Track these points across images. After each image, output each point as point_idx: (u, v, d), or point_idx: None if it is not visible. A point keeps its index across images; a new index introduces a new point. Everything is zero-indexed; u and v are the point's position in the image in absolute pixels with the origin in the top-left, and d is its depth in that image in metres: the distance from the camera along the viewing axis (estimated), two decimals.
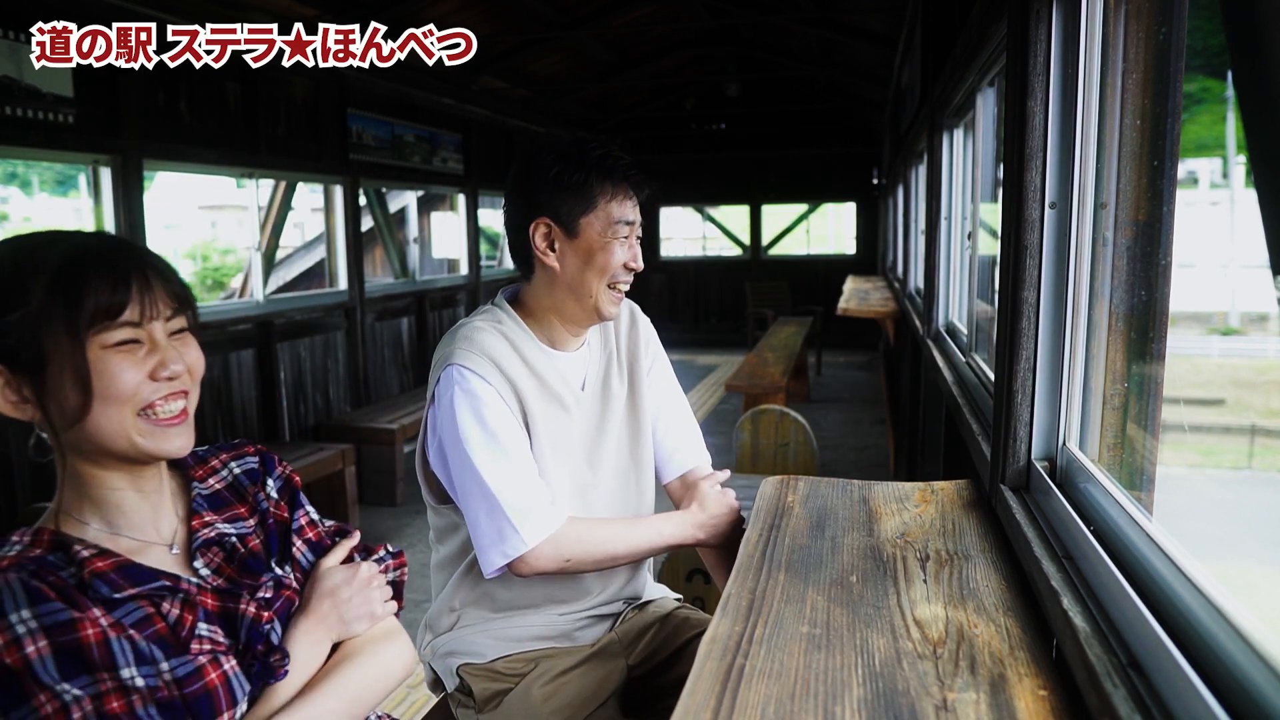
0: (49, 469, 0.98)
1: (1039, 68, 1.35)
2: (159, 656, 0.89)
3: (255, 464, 1.13)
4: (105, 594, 0.88)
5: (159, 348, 0.93)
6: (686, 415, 1.69)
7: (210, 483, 1.08)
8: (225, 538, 1.04)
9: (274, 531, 1.10)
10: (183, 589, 0.95)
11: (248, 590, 1.01)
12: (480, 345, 1.42)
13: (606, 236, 1.44)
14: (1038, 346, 1.38)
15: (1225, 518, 1.66)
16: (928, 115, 3.97)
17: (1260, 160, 0.75)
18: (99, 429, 0.91)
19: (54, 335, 0.88)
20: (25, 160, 5.31)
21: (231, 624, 0.98)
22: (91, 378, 0.89)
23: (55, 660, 0.81)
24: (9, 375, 0.90)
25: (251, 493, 1.11)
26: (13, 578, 0.84)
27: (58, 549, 0.91)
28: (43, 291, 0.88)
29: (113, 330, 0.90)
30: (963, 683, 0.95)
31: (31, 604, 0.83)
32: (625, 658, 1.56)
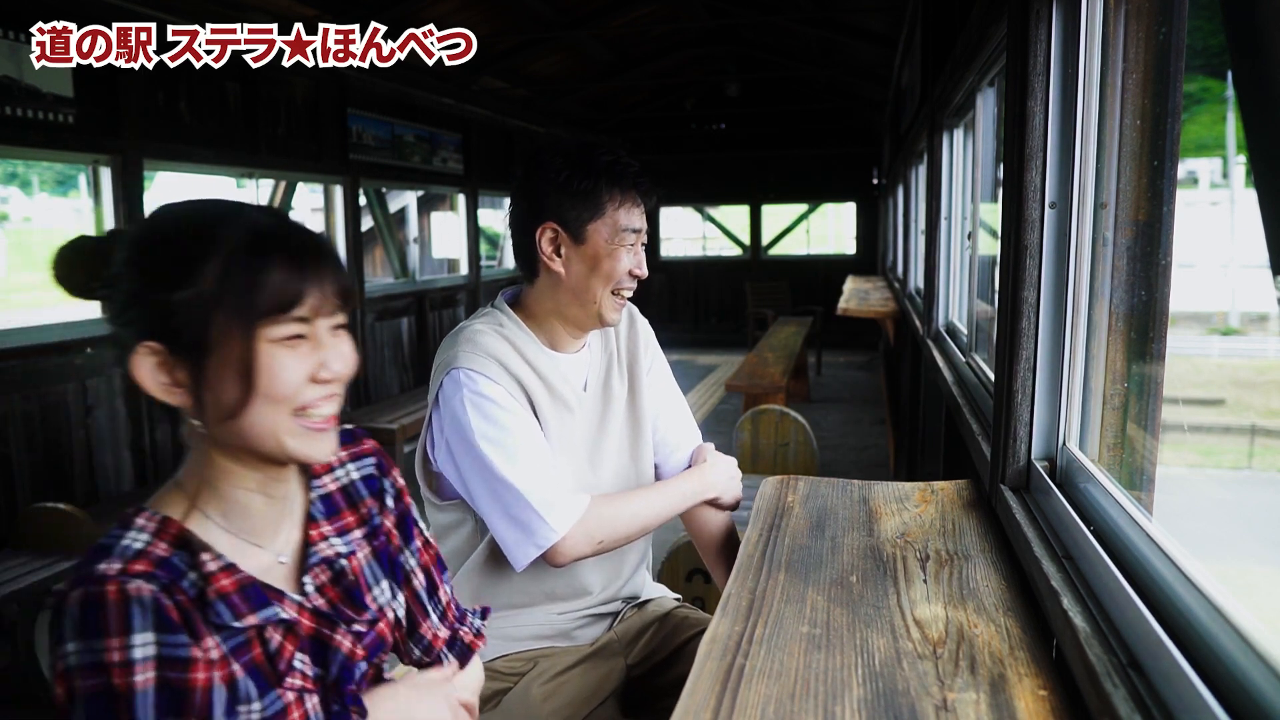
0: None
1: (1039, 68, 1.35)
2: (253, 694, 0.84)
3: (373, 470, 1.04)
4: (225, 620, 0.83)
5: (322, 346, 0.87)
6: (685, 414, 1.69)
7: (326, 481, 1.00)
8: (337, 558, 0.96)
9: (382, 554, 1.02)
10: (287, 614, 0.89)
11: (345, 622, 0.94)
12: (484, 347, 1.41)
13: (613, 244, 1.44)
14: (1038, 346, 1.38)
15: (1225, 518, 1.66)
16: (928, 115, 3.97)
17: (1260, 160, 0.75)
18: (252, 425, 0.84)
19: (224, 322, 0.82)
20: (25, 160, 5.31)
21: (322, 655, 0.92)
22: (257, 373, 0.83)
23: (156, 697, 0.76)
24: (166, 356, 0.83)
25: (366, 506, 1.02)
26: (146, 592, 0.78)
27: (183, 547, 0.84)
28: (218, 273, 0.82)
29: (284, 324, 0.84)
30: (963, 683, 0.95)
31: (158, 628, 0.77)
32: (624, 657, 1.56)
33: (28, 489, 3.74)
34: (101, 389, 4.17)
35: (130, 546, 0.82)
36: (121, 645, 0.76)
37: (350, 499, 1.01)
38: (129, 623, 0.76)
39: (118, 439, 4.27)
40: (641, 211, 1.47)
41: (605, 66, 8.90)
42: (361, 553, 0.99)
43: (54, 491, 3.82)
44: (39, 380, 3.84)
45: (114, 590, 0.77)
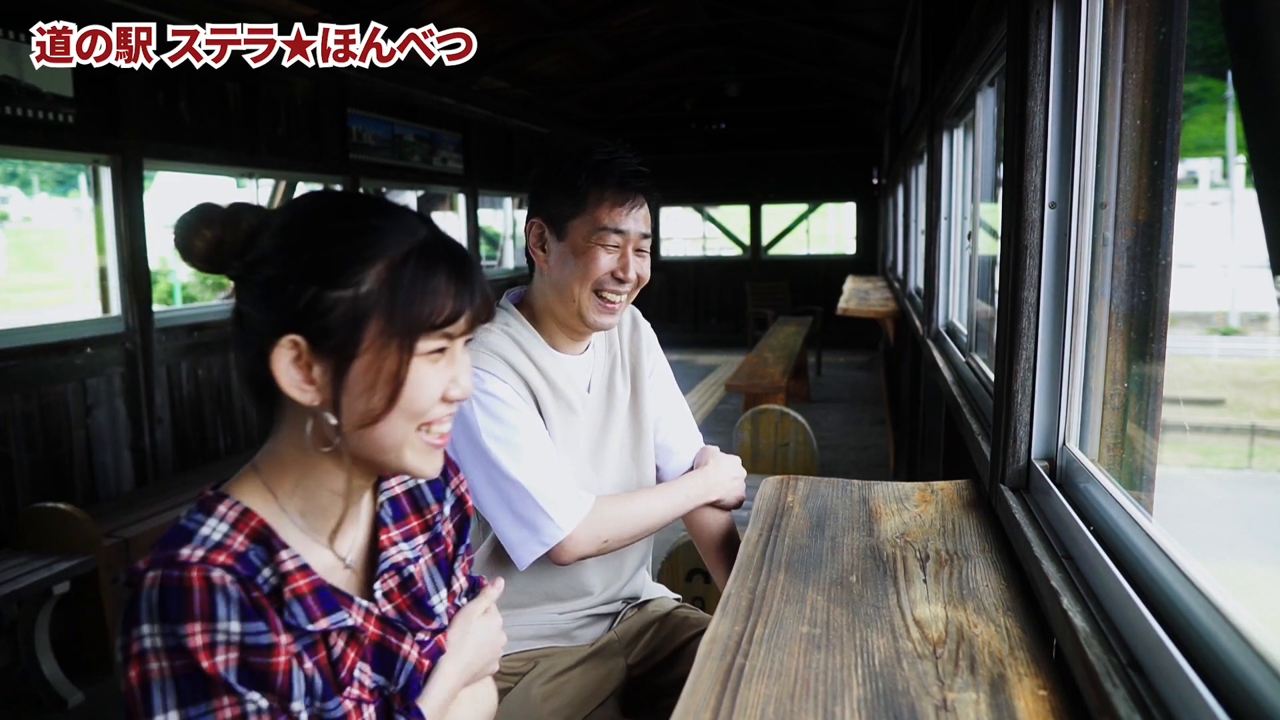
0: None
1: (1039, 68, 1.35)
2: (320, 692, 0.83)
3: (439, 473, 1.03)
4: (299, 623, 0.82)
5: (455, 363, 0.86)
6: (686, 417, 1.70)
7: (393, 485, 0.99)
8: (406, 564, 0.95)
9: (442, 561, 1.01)
10: (352, 620, 0.87)
11: (412, 630, 0.93)
12: (490, 345, 1.42)
13: (591, 242, 1.42)
14: (1038, 346, 1.38)
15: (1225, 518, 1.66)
16: (928, 115, 3.97)
17: (1260, 160, 0.75)
18: (383, 437, 0.83)
19: (380, 329, 0.80)
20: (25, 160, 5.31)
21: (388, 664, 0.90)
22: (404, 387, 0.81)
23: (240, 673, 0.76)
24: (306, 352, 0.80)
25: (431, 511, 1.01)
26: (230, 583, 0.77)
27: (261, 543, 0.82)
28: (382, 278, 0.80)
29: (435, 338, 0.83)
30: (962, 683, 0.95)
31: (242, 619, 0.77)
32: (625, 657, 1.56)
33: (28, 489, 3.74)
34: (101, 389, 4.17)
35: (210, 536, 0.80)
36: (205, 630, 0.75)
37: (416, 504, 1.00)
38: (213, 610, 0.76)
39: (118, 439, 4.27)
40: (632, 213, 1.44)
41: (605, 66, 8.90)
42: (424, 559, 0.98)
43: (54, 491, 3.82)
44: (39, 380, 3.84)
45: (198, 576, 0.76)
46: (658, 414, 1.65)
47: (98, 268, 4.32)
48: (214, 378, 4.91)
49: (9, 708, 3.11)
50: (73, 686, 3.12)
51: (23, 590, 2.91)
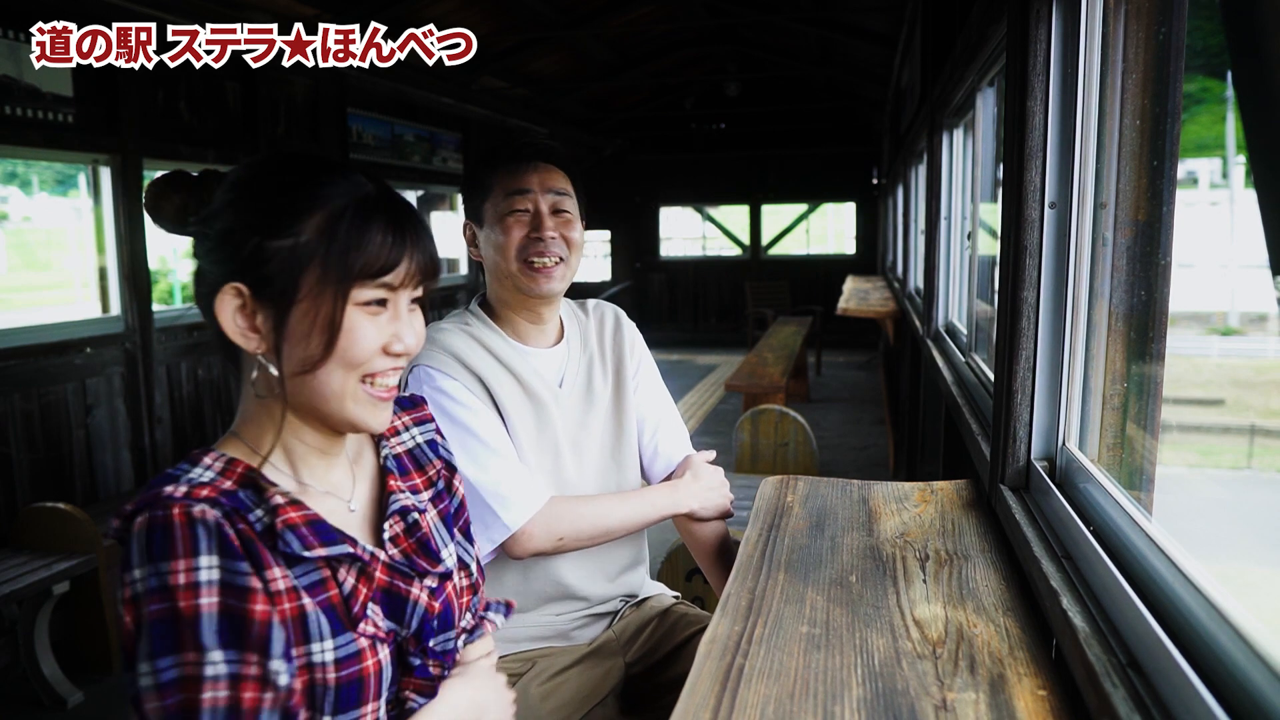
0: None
1: (1039, 68, 1.35)
2: (325, 632, 0.83)
3: (435, 434, 1.08)
4: (294, 550, 0.83)
5: (399, 318, 0.88)
6: (675, 420, 1.70)
7: (393, 444, 1.02)
8: (412, 509, 0.98)
9: (447, 517, 1.04)
10: (361, 557, 0.89)
11: (419, 574, 0.95)
12: (443, 344, 1.44)
13: (500, 213, 1.46)
14: (1037, 346, 1.38)
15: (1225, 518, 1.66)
16: (927, 115, 3.97)
17: (1260, 160, 0.75)
18: (322, 385, 0.86)
19: (316, 277, 0.83)
20: (25, 160, 5.30)
21: (397, 608, 0.91)
22: (339, 334, 0.84)
23: (219, 623, 0.76)
24: (249, 300, 0.85)
25: (433, 466, 1.05)
26: (210, 517, 0.78)
27: (249, 486, 0.84)
28: (319, 227, 0.84)
29: (371, 288, 0.85)
30: (962, 682, 0.95)
31: (221, 553, 0.77)
32: (623, 656, 1.56)
33: (28, 489, 3.74)
34: (101, 389, 4.17)
35: (197, 478, 0.83)
36: (188, 568, 0.76)
37: (417, 462, 1.04)
38: (195, 545, 0.77)
39: (117, 439, 4.27)
40: (532, 175, 1.46)
41: (605, 66, 8.90)
42: (431, 513, 1.01)
43: (54, 491, 3.82)
44: (39, 380, 3.84)
45: (179, 513, 0.77)
46: (643, 415, 1.64)
47: (97, 267, 4.32)
48: (214, 377, 4.91)
49: (9, 708, 3.11)
50: (72, 686, 3.12)
51: (22, 590, 2.91)
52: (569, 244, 1.48)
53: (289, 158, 0.89)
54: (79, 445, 4.05)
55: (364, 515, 0.96)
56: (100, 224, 4.29)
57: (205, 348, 4.81)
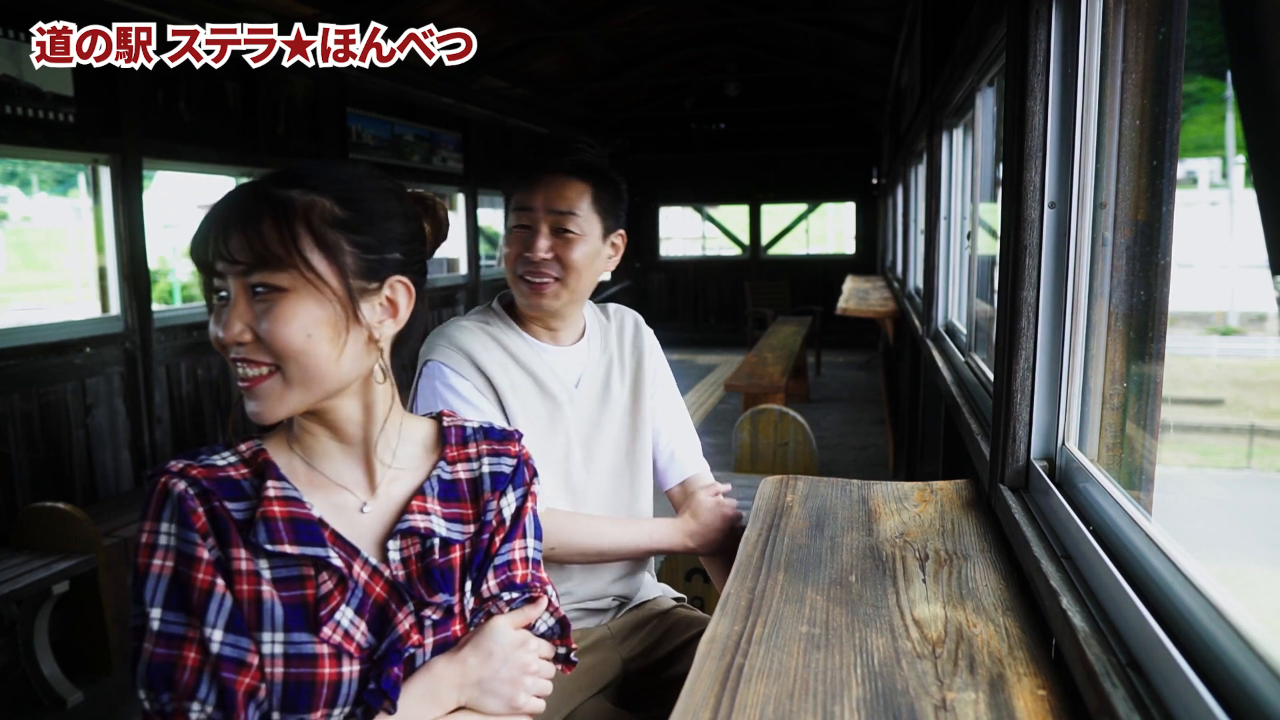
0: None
1: (1039, 68, 1.35)
2: (278, 623, 0.85)
3: (510, 469, 1.04)
4: (259, 542, 0.86)
5: (233, 307, 0.87)
6: (686, 424, 1.71)
7: (457, 469, 1.01)
8: (430, 534, 0.95)
9: (481, 552, 0.99)
10: (339, 566, 0.88)
11: (415, 603, 0.92)
12: (457, 341, 1.45)
13: (510, 222, 1.49)
14: (1037, 346, 1.38)
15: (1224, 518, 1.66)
16: (927, 115, 3.97)
17: (1260, 160, 0.75)
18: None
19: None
20: (25, 159, 5.30)
21: (383, 627, 0.90)
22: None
23: (165, 584, 0.84)
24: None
25: (487, 499, 1.01)
26: (178, 488, 0.86)
27: (260, 476, 0.90)
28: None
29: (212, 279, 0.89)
30: (962, 682, 0.95)
31: (179, 524, 0.85)
32: (618, 651, 1.56)
33: (27, 489, 3.74)
34: (101, 389, 4.17)
35: (209, 459, 0.90)
36: (151, 529, 0.85)
37: (475, 491, 1.01)
38: (161, 511, 0.85)
39: (117, 439, 4.26)
40: (539, 190, 1.44)
41: (605, 66, 8.90)
42: (468, 548, 0.98)
43: (54, 491, 3.82)
44: (39, 380, 3.84)
45: (161, 482, 0.86)
46: (659, 423, 1.65)
47: (97, 267, 4.32)
48: (213, 377, 4.91)
49: (9, 707, 3.11)
50: (72, 686, 3.12)
51: (22, 590, 2.91)
52: (565, 265, 1.44)
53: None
54: (79, 445, 4.05)
55: (380, 525, 0.95)
56: (100, 224, 4.29)
57: (205, 347, 4.81)
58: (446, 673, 0.92)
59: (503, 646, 0.95)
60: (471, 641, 0.95)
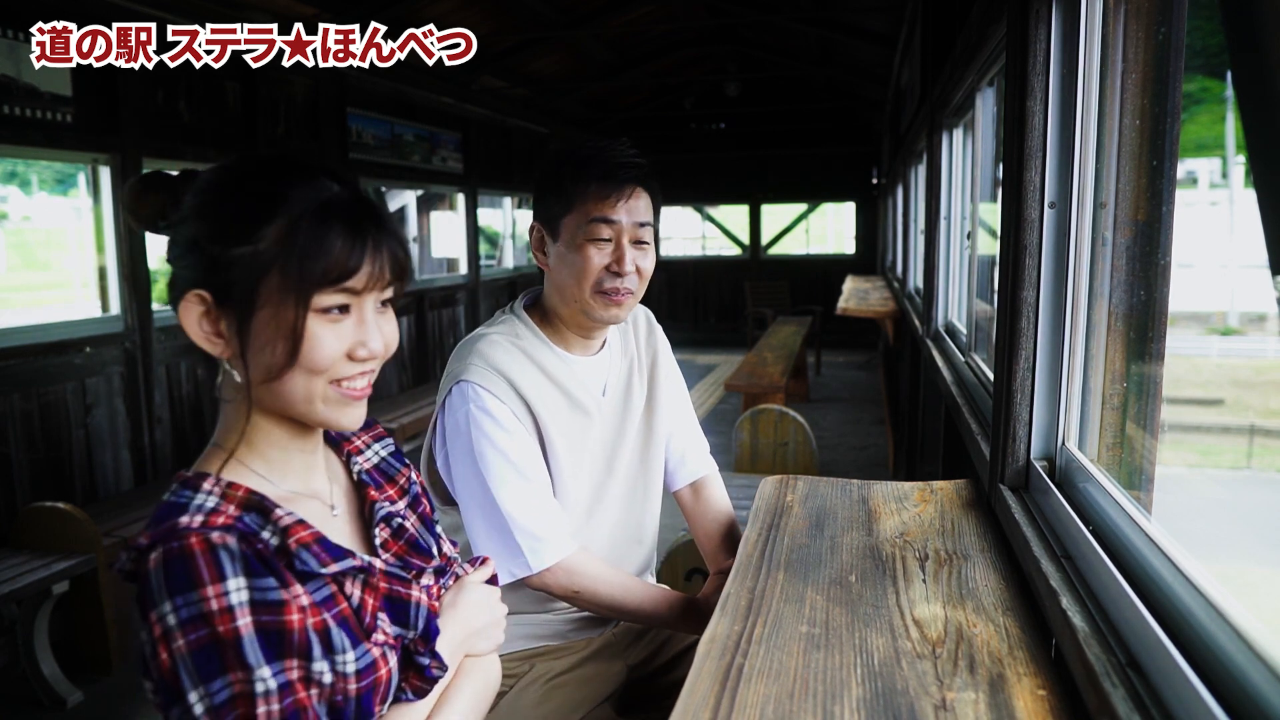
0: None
1: (1039, 68, 1.35)
2: (345, 645, 0.84)
3: (394, 447, 1.09)
4: (312, 567, 0.83)
5: (364, 322, 0.87)
6: (694, 423, 1.70)
7: (360, 461, 1.03)
8: (393, 516, 0.99)
9: (426, 519, 1.05)
10: (365, 568, 0.90)
11: (416, 574, 0.96)
12: (494, 361, 1.39)
13: (580, 238, 1.39)
14: (1037, 346, 1.39)
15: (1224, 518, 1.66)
16: (927, 115, 3.97)
17: (1259, 160, 0.75)
18: (289, 390, 0.86)
19: (276, 285, 0.82)
20: (24, 159, 5.30)
21: (401, 612, 0.92)
22: (301, 342, 0.83)
23: (260, 639, 0.77)
24: (212, 306, 0.85)
25: (403, 475, 1.06)
26: (231, 542, 0.78)
27: (254, 509, 0.84)
28: (278, 234, 0.83)
29: (332, 294, 0.84)
30: (961, 682, 0.95)
31: (248, 574, 0.78)
32: (624, 659, 1.56)
33: (27, 488, 3.74)
34: (101, 389, 4.17)
35: (204, 504, 0.83)
36: (219, 593, 0.76)
37: (387, 474, 1.05)
38: (220, 570, 0.77)
39: (117, 439, 4.26)
40: (623, 204, 1.40)
41: (605, 66, 8.90)
42: (411, 519, 1.03)
43: (53, 491, 3.82)
44: (39, 380, 3.84)
45: (199, 541, 0.77)
46: (671, 423, 1.64)
47: (97, 267, 4.32)
48: (213, 377, 4.91)
49: (9, 707, 3.11)
50: (72, 686, 3.12)
51: (22, 590, 2.91)
52: (641, 275, 1.44)
53: (256, 161, 0.88)
54: (79, 445, 4.05)
55: (350, 523, 0.97)
56: (100, 223, 4.29)
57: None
58: (457, 632, 0.99)
59: (484, 598, 1.04)
60: (460, 599, 1.01)
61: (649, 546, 1.63)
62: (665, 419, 1.61)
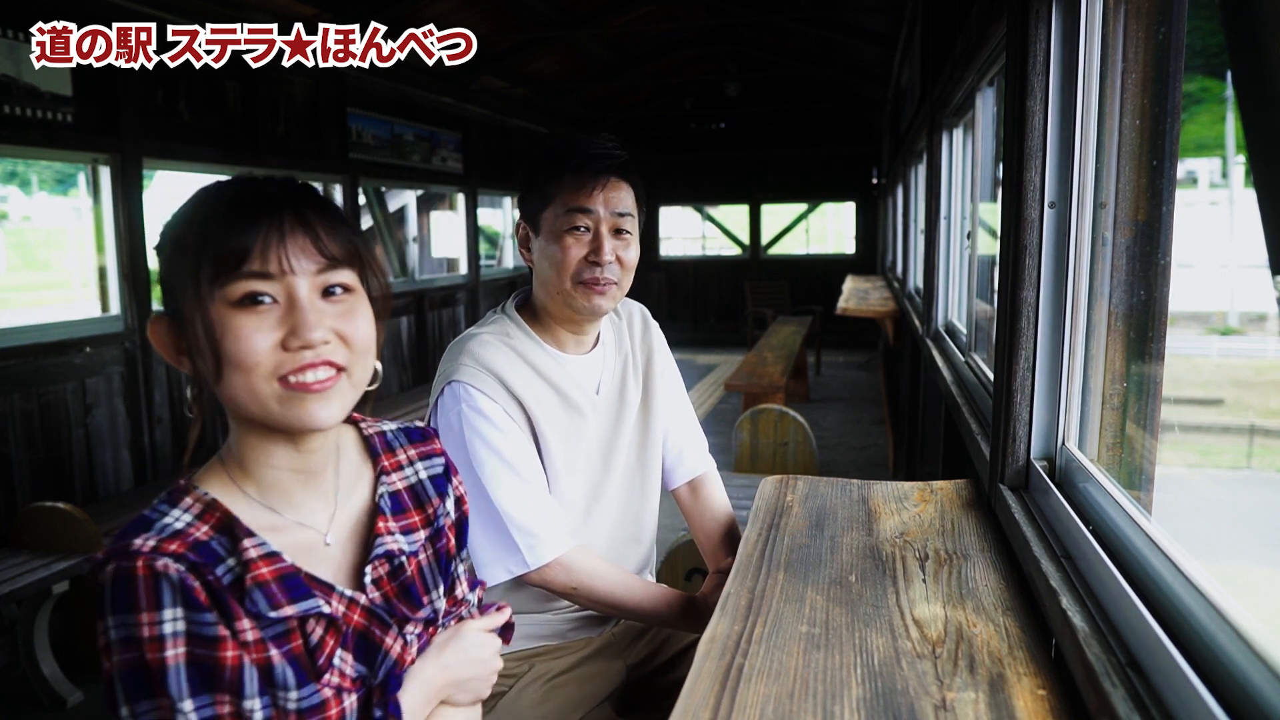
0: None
1: (1039, 67, 1.35)
2: (290, 682, 0.82)
3: (441, 470, 1.02)
4: (261, 610, 0.81)
5: (296, 308, 0.81)
6: (693, 420, 1.70)
7: (394, 480, 0.97)
8: (399, 554, 0.93)
9: (443, 556, 0.99)
10: (331, 613, 0.86)
11: (399, 623, 0.92)
12: (485, 361, 1.39)
13: (560, 229, 1.40)
14: (1037, 346, 1.39)
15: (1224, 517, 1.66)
16: (927, 115, 3.97)
17: (1259, 160, 0.75)
18: (234, 394, 0.81)
19: (182, 286, 0.80)
20: (24, 159, 5.30)
21: (370, 654, 0.89)
22: (216, 339, 0.79)
23: (188, 671, 0.77)
24: (170, 322, 0.84)
25: (433, 505, 0.99)
26: (174, 571, 0.77)
27: (225, 532, 0.82)
28: (173, 237, 0.82)
29: (235, 283, 0.79)
30: (961, 682, 0.95)
31: (185, 605, 0.77)
32: (624, 658, 1.56)
33: (27, 488, 3.74)
34: (101, 389, 4.17)
35: (170, 525, 0.81)
36: (151, 621, 0.76)
37: (417, 498, 0.99)
38: (158, 598, 0.77)
39: (117, 439, 4.26)
40: (599, 194, 1.40)
41: (605, 66, 8.90)
42: (424, 555, 0.97)
43: (53, 491, 3.82)
44: (39, 380, 3.84)
45: (142, 566, 0.77)
46: (670, 420, 1.64)
47: (97, 267, 4.32)
48: None
49: (9, 707, 3.11)
50: (71, 686, 3.12)
51: (22, 590, 2.91)
52: (623, 265, 1.44)
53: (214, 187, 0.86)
54: (79, 445, 4.05)
55: (345, 552, 0.92)
56: (100, 223, 4.29)
57: None
58: (435, 677, 0.95)
59: (480, 649, 1.00)
60: (451, 645, 0.97)
61: (648, 545, 1.63)
62: (662, 417, 1.61)
